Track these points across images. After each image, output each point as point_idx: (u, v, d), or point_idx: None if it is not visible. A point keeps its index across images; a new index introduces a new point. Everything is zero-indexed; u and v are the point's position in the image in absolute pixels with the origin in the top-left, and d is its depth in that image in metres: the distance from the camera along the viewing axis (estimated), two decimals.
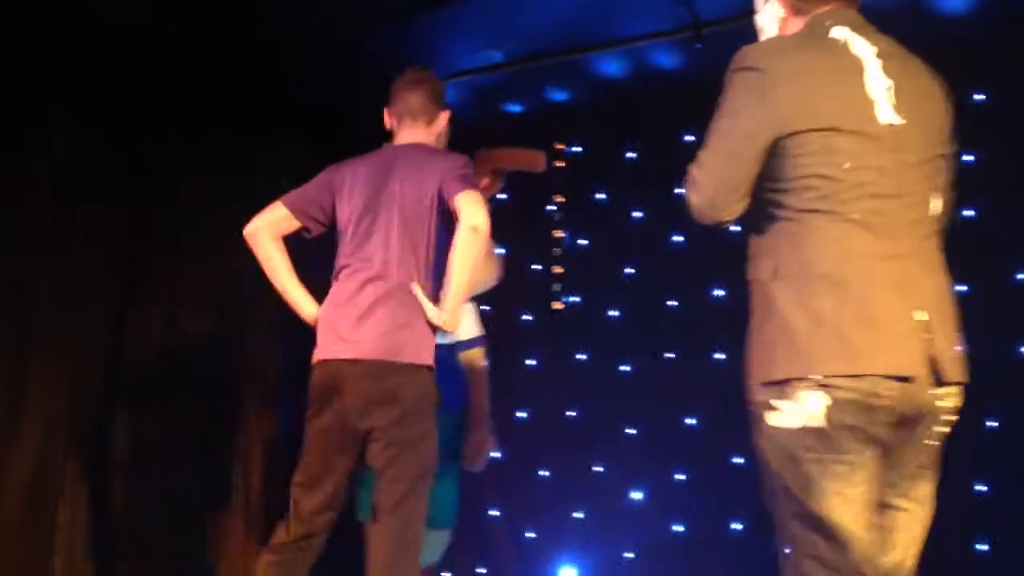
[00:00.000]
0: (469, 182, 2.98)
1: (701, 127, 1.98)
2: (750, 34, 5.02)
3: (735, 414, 2.05)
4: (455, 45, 4.84)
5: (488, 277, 3.61)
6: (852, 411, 1.81)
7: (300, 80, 4.82)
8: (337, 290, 3.05)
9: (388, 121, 3.26)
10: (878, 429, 1.84)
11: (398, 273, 2.98)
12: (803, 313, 1.82)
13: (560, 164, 4.97)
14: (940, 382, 1.87)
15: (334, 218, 3.16)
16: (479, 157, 3.50)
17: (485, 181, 3.52)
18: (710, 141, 1.92)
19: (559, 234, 5.08)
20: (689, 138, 4.76)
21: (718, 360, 4.46)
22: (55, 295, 4.23)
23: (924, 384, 1.85)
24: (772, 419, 1.87)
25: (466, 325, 3.59)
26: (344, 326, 2.97)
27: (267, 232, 3.12)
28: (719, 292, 4.59)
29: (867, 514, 1.87)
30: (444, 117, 3.26)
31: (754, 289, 1.95)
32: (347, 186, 3.12)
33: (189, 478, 4.58)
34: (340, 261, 3.09)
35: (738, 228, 2.00)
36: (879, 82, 1.90)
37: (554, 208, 5.11)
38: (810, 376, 1.81)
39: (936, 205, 1.98)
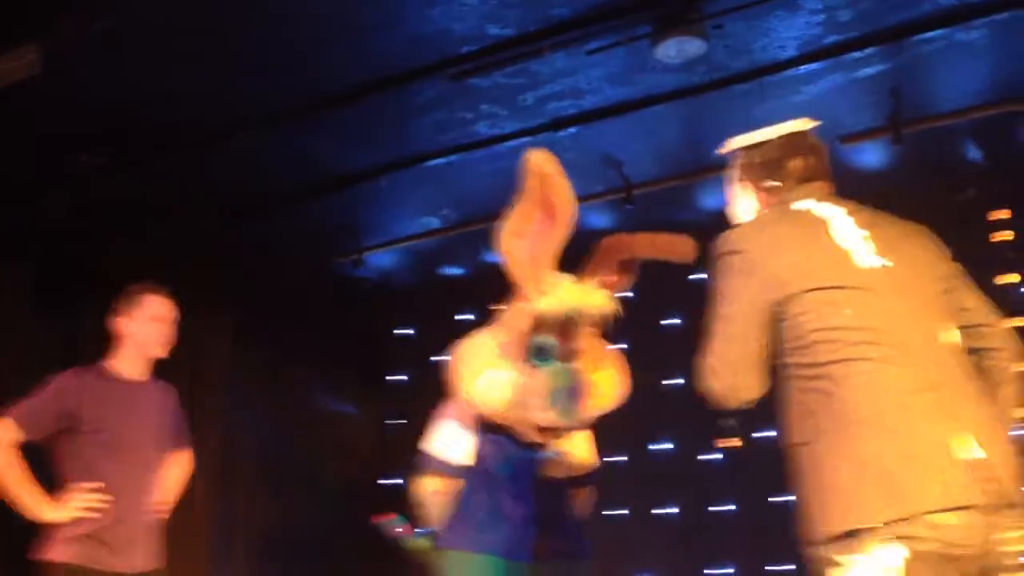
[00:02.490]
0: None
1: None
2: (676, 194, 5.12)
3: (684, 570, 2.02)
4: (394, 212, 4.93)
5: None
6: (933, 563, 1.71)
7: (234, 247, 4.85)
8: None
9: None
10: None
11: None
12: (847, 464, 1.79)
13: None
14: (1008, 505, 1.77)
15: None
16: (607, 244, 2.80)
17: (614, 278, 2.76)
18: (715, 328, 1.96)
19: None
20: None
21: (669, 514, 4.42)
22: None
23: (991, 513, 1.74)
24: (836, 574, 1.77)
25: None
26: None
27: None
28: (667, 446, 4.59)
29: None
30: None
31: (798, 452, 1.91)
32: None
33: None
34: None
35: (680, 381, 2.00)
36: (852, 232, 1.97)
37: None
38: (883, 525, 1.71)
39: (950, 335, 1.94)
